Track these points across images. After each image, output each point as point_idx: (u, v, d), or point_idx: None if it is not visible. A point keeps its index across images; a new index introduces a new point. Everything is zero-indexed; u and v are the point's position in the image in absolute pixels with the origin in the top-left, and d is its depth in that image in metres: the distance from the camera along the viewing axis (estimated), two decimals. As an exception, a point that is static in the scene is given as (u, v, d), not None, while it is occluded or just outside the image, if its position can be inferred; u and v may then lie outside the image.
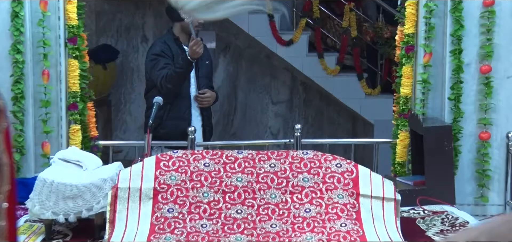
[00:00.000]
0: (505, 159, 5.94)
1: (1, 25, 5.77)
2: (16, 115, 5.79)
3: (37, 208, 4.54)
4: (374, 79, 10.89)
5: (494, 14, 5.92)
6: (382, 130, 8.91)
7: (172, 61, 6.94)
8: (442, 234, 4.79)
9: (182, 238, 4.44)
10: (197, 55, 6.77)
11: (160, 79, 6.80)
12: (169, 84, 6.77)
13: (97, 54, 9.92)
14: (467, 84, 6.04)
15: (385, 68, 10.71)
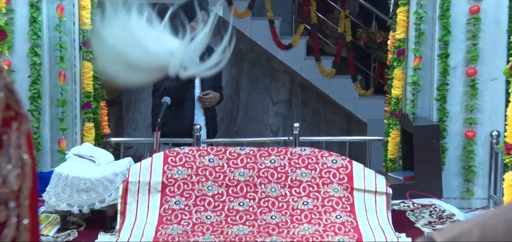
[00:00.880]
0: (489, 156, 5.95)
1: (20, 30, 5.77)
2: (32, 114, 5.79)
3: (53, 200, 4.55)
4: (368, 81, 10.90)
5: (480, 21, 5.92)
6: (374, 129, 8.91)
7: None
8: (430, 226, 4.79)
9: (188, 229, 4.45)
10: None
11: (162, 91, 6.75)
12: (170, 96, 6.72)
13: (109, 57, 9.90)
14: (454, 86, 6.04)
15: (377, 71, 10.72)
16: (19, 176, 0.99)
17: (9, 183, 0.97)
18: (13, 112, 0.99)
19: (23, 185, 0.99)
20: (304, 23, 10.66)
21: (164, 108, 6.11)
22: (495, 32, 5.96)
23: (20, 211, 0.99)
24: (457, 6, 5.98)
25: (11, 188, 0.97)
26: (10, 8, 5.56)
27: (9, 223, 0.97)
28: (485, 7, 5.93)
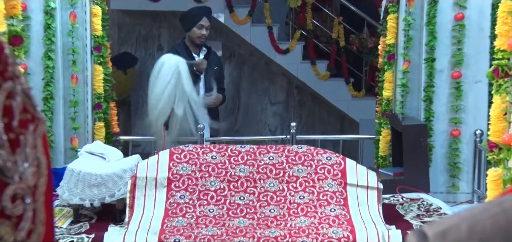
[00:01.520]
0: (473, 153, 5.94)
1: (35, 35, 5.77)
2: (46, 114, 5.79)
3: (66, 195, 4.55)
4: (360, 83, 10.89)
5: (464, 27, 5.92)
6: (366, 128, 8.90)
7: None
8: (418, 219, 4.79)
9: (192, 221, 4.45)
10: (201, 71, 6.94)
11: None
12: None
13: (118, 61, 9.91)
14: (440, 88, 6.04)
15: (369, 74, 10.72)
16: (35, 173, 0.99)
17: (25, 179, 0.97)
18: (30, 115, 0.99)
19: (38, 182, 1.00)
20: (301, 29, 10.65)
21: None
22: (479, 38, 5.96)
23: (36, 206, 0.99)
24: (443, 13, 5.99)
25: (27, 184, 0.97)
26: (26, 15, 5.56)
27: (25, 217, 0.97)
28: (469, 14, 5.94)
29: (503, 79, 3.69)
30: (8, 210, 0.95)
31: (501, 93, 3.72)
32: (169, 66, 6.31)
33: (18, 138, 0.97)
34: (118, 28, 11.22)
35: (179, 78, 6.22)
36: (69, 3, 5.97)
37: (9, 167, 0.96)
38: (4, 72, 0.96)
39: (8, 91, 0.96)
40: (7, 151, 0.95)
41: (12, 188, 0.96)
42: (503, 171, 3.70)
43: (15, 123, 0.96)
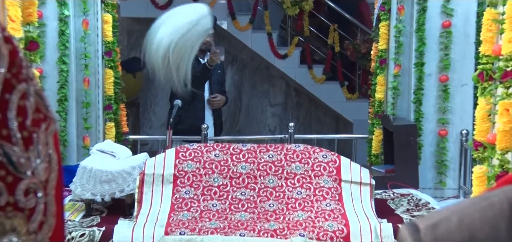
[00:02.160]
0: (459, 151, 5.94)
1: (50, 41, 5.77)
2: (60, 115, 5.81)
3: (79, 190, 4.55)
4: (353, 86, 10.88)
5: (451, 34, 5.92)
6: (360, 128, 8.90)
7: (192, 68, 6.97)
8: (408, 213, 4.78)
9: (197, 215, 4.44)
10: (214, 63, 6.92)
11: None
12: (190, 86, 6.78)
13: (128, 65, 9.91)
14: (429, 90, 6.04)
15: (362, 77, 10.71)
16: (46, 169, 0.99)
17: (37, 175, 0.97)
18: (42, 115, 0.99)
19: (49, 177, 0.99)
20: (298, 36, 10.64)
21: (175, 109, 6.12)
22: (465, 44, 5.96)
23: (47, 199, 0.99)
24: (431, 21, 5.99)
25: (39, 179, 0.97)
26: (42, 23, 5.56)
27: (37, 209, 0.97)
28: (456, 22, 5.94)
29: (488, 83, 3.69)
30: (21, 203, 0.96)
31: (485, 95, 3.71)
32: (198, 10, 5.97)
33: (31, 136, 0.97)
34: (128, 34, 11.21)
35: (197, 27, 5.98)
36: (82, 11, 5.98)
37: (23, 163, 0.96)
38: (18, 75, 0.96)
39: (22, 92, 0.96)
40: (21, 148, 0.95)
41: (25, 182, 0.96)
42: (488, 168, 3.69)
43: (28, 122, 0.96)
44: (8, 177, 0.94)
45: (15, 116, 0.94)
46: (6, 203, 0.95)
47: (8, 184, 0.94)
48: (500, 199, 0.73)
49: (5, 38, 0.95)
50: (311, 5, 10.55)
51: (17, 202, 0.95)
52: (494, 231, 0.70)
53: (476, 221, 0.72)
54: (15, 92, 0.95)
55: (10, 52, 0.95)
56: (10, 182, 0.94)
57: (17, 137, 0.95)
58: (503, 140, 3.50)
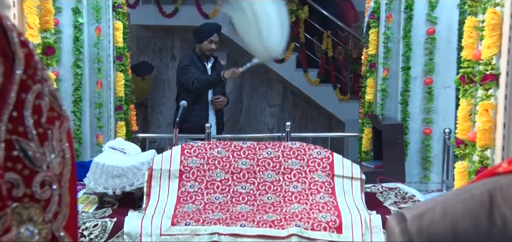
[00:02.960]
0: (442, 149, 5.94)
1: (66, 47, 5.77)
2: (75, 115, 5.81)
3: (92, 184, 4.55)
4: (345, 88, 10.88)
5: (435, 40, 5.92)
6: (351, 127, 8.90)
7: (197, 70, 7.00)
8: (395, 205, 4.78)
9: (201, 207, 4.44)
10: (230, 78, 7.11)
11: (193, 79, 6.84)
12: (200, 85, 6.85)
13: (137, 68, 9.91)
14: (415, 92, 6.05)
15: (353, 80, 10.71)
16: (60, 163, 0.99)
17: (52, 168, 0.97)
18: (56, 113, 0.99)
19: (63, 171, 0.99)
20: (294, 42, 10.64)
21: (181, 109, 6.13)
22: (448, 49, 5.97)
23: (61, 191, 0.99)
24: (417, 28, 5.99)
25: (54, 172, 0.97)
26: (58, 29, 5.56)
27: (52, 200, 0.97)
28: (439, 29, 5.94)
29: (469, 85, 3.68)
30: (37, 194, 0.96)
31: (467, 97, 3.71)
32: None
33: (46, 133, 0.97)
34: (137, 40, 11.22)
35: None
36: (95, 19, 5.98)
37: (38, 158, 0.95)
38: (33, 76, 0.96)
39: (37, 92, 0.96)
40: (37, 144, 0.95)
41: (41, 175, 0.96)
42: (469, 164, 3.69)
43: (43, 119, 0.96)
44: (25, 170, 0.94)
45: (31, 114, 0.94)
46: (23, 195, 0.94)
47: (25, 177, 0.94)
48: (481, 191, 0.73)
49: (21, 42, 0.95)
50: (307, 14, 10.55)
51: (33, 194, 0.95)
52: (475, 220, 0.70)
53: (459, 211, 0.72)
54: (30, 92, 0.95)
55: (26, 55, 0.95)
56: (26, 175, 0.94)
57: (33, 134, 0.95)
58: (482, 138, 3.50)
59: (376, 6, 6.32)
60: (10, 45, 0.93)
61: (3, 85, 0.91)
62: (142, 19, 10.64)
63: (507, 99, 3.37)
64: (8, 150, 0.93)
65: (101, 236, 4.17)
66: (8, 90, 0.92)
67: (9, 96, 0.92)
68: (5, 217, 0.90)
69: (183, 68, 7.06)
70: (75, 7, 5.77)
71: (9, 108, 0.92)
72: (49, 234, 0.98)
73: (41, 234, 0.97)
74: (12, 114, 0.93)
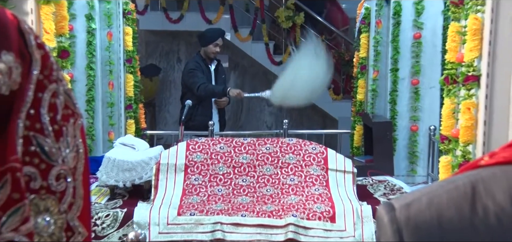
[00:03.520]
0: (428, 144, 5.95)
1: (80, 50, 5.77)
2: (88, 113, 5.81)
3: (104, 177, 4.55)
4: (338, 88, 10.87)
5: (421, 44, 5.93)
6: (344, 124, 8.90)
7: (203, 74, 7.01)
8: (384, 196, 4.78)
9: (205, 199, 4.44)
10: (233, 97, 7.14)
11: (199, 85, 6.86)
12: (204, 93, 6.88)
13: (145, 70, 9.91)
14: (402, 92, 6.05)
15: (346, 81, 10.71)
16: (74, 157, 0.99)
17: (67, 162, 0.97)
18: (70, 111, 0.99)
19: (77, 165, 0.99)
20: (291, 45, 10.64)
21: (187, 108, 6.14)
22: (433, 52, 5.98)
23: (76, 183, 0.99)
24: (404, 33, 6.01)
25: (68, 166, 0.97)
26: (72, 34, 5.56)
27: (67, 192, 0.97)
28: (425, 34, 5.95)
29: (452, 85, 3.68)
30: (53, 187, 0.96)
31: (450, 96, 3.71)
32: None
33: (61, 129, 0.97)
34: (145, 44, 11.21)
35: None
36: (107, 25, 5.99)
37: (54, 152, 0.95)
38: (49, 76, 0.96)
39: (53, 91, 0.96)
40: (52, 139, 0.95)
41: (57, 169, 0.96)
42: (452, 158, 3.69)
43: (58, 117, 0.96)
44: (41, 164, 0.94)
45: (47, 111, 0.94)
46: (40, 187, 0.95)
47: (42, 171, 0.94)
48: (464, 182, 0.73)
49: (38, 44, 0.95)
50: (302, 19, 10.54)
51: (49, 186, 0.95)
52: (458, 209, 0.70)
53: (443, 201, 0.72)
54: (47, 91, 0.95)
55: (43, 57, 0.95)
56: (43, 168, 0.95)
57: (49, 130, 0.95)
58: (465, 134, 3.50)
59: (366, 13, 6.33)
60: (27, 47, 0.94)
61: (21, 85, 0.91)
62: (150, 24, 10.64)
63: (487, 99, 3.37)
64: (26, 145, 0.93)
65: (113, 225, 4.17)
66: (26, 89, 0.92)
67: (27, 95, 0.92)
68: (24, 208, 0.90)
69: (189, 71, 7.07)
70: (88, 14, 5.77)
71: (27, 106, 0.92)
72: (64, 224, 0.98)
73: (57, 224, 0.97)
74: (29, 112, 0.93)
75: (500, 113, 3.32)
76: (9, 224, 0.89)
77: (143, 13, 10.16)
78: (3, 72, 0.87)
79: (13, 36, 0.91)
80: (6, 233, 0.89)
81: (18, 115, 0.91)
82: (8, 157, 0.88)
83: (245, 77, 11.41)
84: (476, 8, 3.42)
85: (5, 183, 0.89)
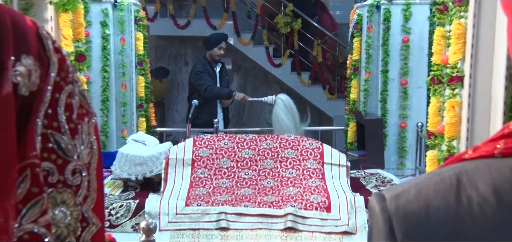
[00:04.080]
0: (415, 140, 5.95)
1: (95, 54, 5.78)
2: (103, 112, 5.82)
3: (118, 171, 4.55)
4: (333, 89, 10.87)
5: (409, 47, 5.95)
6: (338, 121, 8.89)
7: (209, 76, 7.01)
8: (376, 188, 4.78)
9: (210, 191, 4.44)
10: (237, 100, 7.21)
11: (206, 87, 6.87)
12: (210, 95, 6.89)
13: (155, 72, 9.91)
14: (392, 92, 6.06)
15: (340, 82, 10.70)
16: (89, 153, 0.99)
17: (82, 158, 0.97)
18: (85, 110, 0.99)
19: (91, 160, 0.99)
20: (290, 49, 10.63)
21: (193, 108, 6.14)
22: (420, 55, 5.99)
23: (90, 178, 0.99)
24: (393, 37, 6.01)
25: (83, 161, 0.97)
26: (88, 40, 5.58)
27: (82, 186, 0.97)
28: (413, 38, 5.96)
29: (438, 85, 3.68)
30: (69, 181, 0.96)
31: (436, 95, 3.70)
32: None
33: (77, 127, 0.97)
34: (155, 48, 11.21)
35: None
36: (120, 31, 6.00)
37: (70, 149, 0.95)
38: (66, 78, 0.96)
39: (69, 92, 0.96)
40: (68, 137, 0.95)
41: (72, 164, 0.96)
42: (438, 152, 3.69)
43: (74, 116, 0.96)
44: (58, 160, 0.94)
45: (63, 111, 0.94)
46: (57, 181, 0.95)
47: (59, 166, 0.94)
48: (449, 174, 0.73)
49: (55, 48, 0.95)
50: (300, 25, 10.54)
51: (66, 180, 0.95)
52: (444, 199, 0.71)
53: (430, 192, 0.72)
54: (63, 92, 0.95)
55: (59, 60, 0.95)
56: (60, 164, 0.95)
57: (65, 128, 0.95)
58: (450, 130, 3.50)
59: (359, 18, 6.33)
60: (45, 51, 0.94)
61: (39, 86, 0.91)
62: (160, 30, 10.64)
63: (470, 97, 3.37)
64: (44, 142, 0.93)
65: (126, 215, 4.17)
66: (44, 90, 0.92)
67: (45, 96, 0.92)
68: (43, 201, 0.90)
69: (197, 73, 7.07)
70: (103, 21, 5.78)
71: (45, 106, 0.92)
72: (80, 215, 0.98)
73: (73, 215, 0.97)
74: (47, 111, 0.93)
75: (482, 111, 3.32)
76: (28, 216, 0.89)
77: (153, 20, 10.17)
78: (23, 75, 0.87)
79: (32, 41, 0.91)
80: (26, 225, 0.89)
81: (37, 114, 0.91)
82: (28, 153, 0.88)
83: (247, 78, 11.40)
84: (460, 14, 3.42)
85: (25, 178, 0.88)
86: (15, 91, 0.87)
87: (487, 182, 0.70)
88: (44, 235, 0.90)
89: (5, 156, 0.83)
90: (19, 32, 0.89)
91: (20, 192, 0.88)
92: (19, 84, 0.87)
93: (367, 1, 6.25)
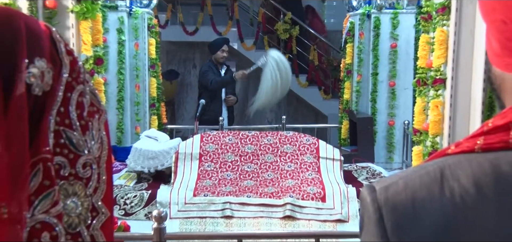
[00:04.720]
0: (402, 136, 5.94)
1: (112, 58, 5.77)
2: (118, 110, 5.82)
3: (132, 164, 4.55)
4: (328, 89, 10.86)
5: (397, 52, 5.94)
6: (333, 120, 8.88)
7: (214, 75, 7.01)
8: (367, 180, 4.76)
9: (216, 182, 4.43)
10: (240, 79, 7.27)
11: (211, 80, 6.87)
12: (216, 85, 6.91)
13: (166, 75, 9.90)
14: (381, 92, 6.06)
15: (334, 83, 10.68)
16: (99, 148, 0.98)
17: (92, 152, 0.96)
18: (95, 108, 0.98)
19: (101, 154, 0.98)
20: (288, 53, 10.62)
21: (201, 107, 6.12)
22: (406, 59, 5.99)
23: (100, 170, 0.98)
24: (383, 43, 6.01)
25: (93, 155, 0.96)
26: (106, 45, 5.57)
27: (92, 178, 0.96)
28: (400, 44, 5.96)
29: (423, 87, 3.66)
30: (80, 173, 0.95)
31: (421, 96, 3.69)
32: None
33: (87, 124, 0.96)
34: (166, 53, 11.21)
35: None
36: (134, 37, 6.00)
37: (81, 144, 0.94)
38: (77, 78, 0.95)
39: (80, 91, 0.95)
40: (80, 133, 0.94)
41: (83, 158, 0.95)
42: (423, 148, 3.67)
43: (85, 113, 0.95)
44: (70, 154, 0.93)
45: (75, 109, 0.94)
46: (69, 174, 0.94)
47: (70, 160, 0.94)
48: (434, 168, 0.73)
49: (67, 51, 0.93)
50: (297, 32, 10.52)
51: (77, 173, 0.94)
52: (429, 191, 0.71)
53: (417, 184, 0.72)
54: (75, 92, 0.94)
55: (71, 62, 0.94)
56: (71, 158, 0.94)
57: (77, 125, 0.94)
58: (433, 128, 3.49)
59: (351, 26, 6.32)
60: (58, 53, 0.93)
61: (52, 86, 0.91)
62: (170, 36, 10.63)
63: (452, 98, 3.37)
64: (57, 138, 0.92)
65: (139, 204, 4.16)
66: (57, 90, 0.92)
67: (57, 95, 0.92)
68: (54, 193, 0.89)
69: (203, 73, 7.10)
70: (119, 28, 5.78)
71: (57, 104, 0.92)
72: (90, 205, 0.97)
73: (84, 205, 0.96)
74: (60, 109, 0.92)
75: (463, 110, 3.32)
76: (40, 207, 0.88)
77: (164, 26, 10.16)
78: (36, 76, 0.87)
79: (46, 44, 0.90)
80: (38, 215, 0.88)
81: (50, 112, 0.91)
82: (41, 149, 0.88)
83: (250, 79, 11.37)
84: (442, 22, 3.41)
85: (38, 172, 0.88)
86: (28, 91, 0.86)
87: (468, 175, 0.70)
88: (55, 224, 0.89)
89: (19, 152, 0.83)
90: (33, 36, 0.89)
91: (32, 184, 0.87)
92: (32, 85, 0.86)
93: (358, 10, 6.24)
